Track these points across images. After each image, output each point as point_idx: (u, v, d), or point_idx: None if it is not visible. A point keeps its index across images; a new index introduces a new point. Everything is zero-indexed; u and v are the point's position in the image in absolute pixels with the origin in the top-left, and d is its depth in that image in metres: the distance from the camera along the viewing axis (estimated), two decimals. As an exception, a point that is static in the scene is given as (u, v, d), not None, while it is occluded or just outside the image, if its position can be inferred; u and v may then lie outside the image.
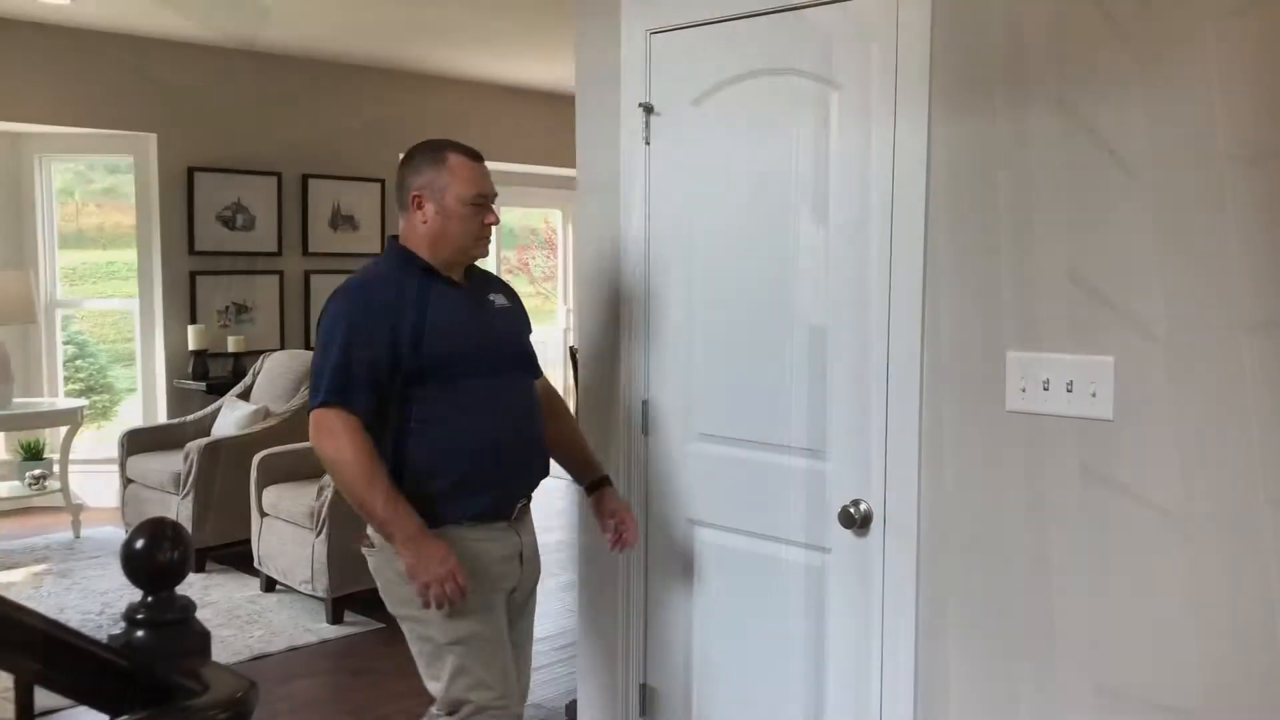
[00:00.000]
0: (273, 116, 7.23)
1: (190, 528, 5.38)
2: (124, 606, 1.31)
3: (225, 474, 5.43)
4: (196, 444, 5.45)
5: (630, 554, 2.84)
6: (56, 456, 6.31)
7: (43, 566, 5.50)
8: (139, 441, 5.88)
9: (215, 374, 6.77)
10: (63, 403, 6.54)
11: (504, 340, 2.52)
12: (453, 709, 2.40)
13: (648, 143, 2.79)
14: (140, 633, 1.25)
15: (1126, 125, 2.04)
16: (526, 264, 10.57)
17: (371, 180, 7.72)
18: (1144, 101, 2.02)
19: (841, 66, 2.43)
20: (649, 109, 2.78)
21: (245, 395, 6.13)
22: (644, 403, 2.85)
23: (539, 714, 3.77)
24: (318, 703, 3.89)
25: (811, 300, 2.52)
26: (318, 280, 7.47)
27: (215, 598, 5.01)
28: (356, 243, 7.67)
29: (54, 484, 6.21)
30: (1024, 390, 2.19)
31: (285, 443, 5.42)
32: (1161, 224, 2.01)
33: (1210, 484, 1.98)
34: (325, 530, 4.60)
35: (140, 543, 1.26)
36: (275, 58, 7.20)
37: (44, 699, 1.31)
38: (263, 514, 5.03)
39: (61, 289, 7.00)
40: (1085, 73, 2.08)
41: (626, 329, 2.87)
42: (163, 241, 6.80)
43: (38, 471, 6.28)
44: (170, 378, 6.84)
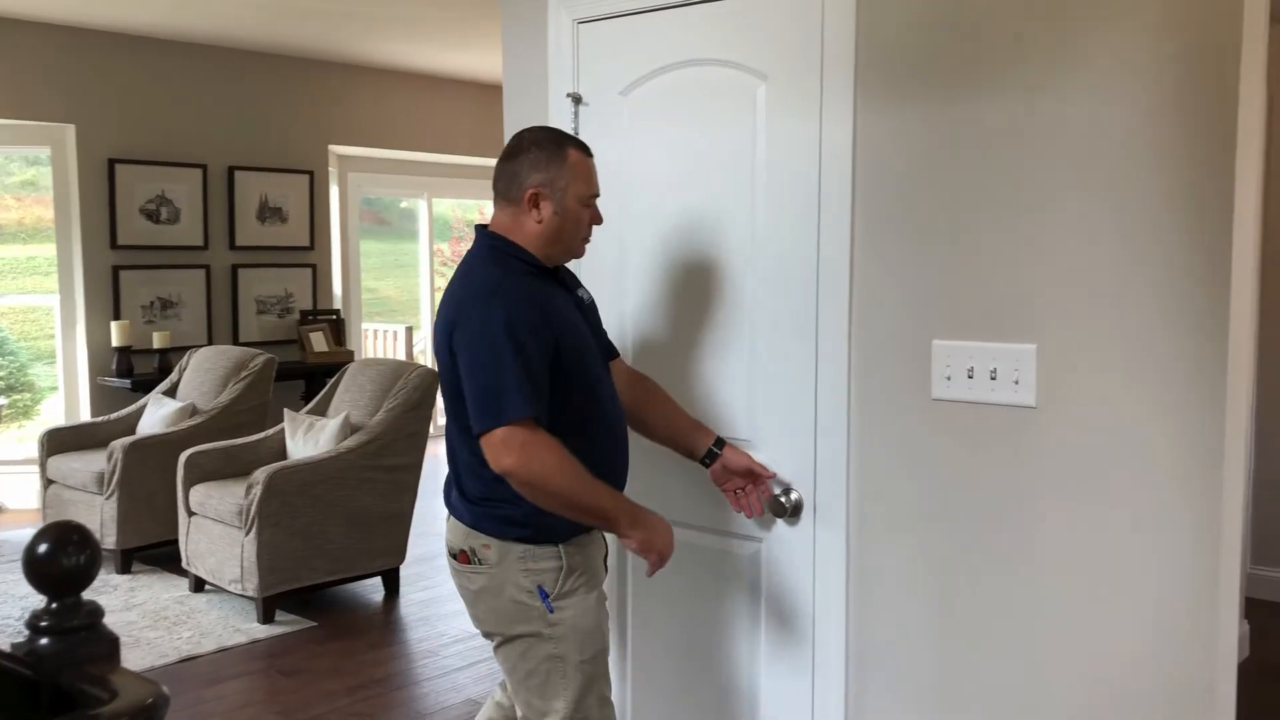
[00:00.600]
0: (197, 107, 7.08)
1: (115, 528, 5.26)
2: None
3: (150, 473, 5.31)
4: (120, 442, 5.32)
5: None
6: (-26, 457, 6.14)
7: (-40, 571, 5.34)
8: (60, 441, 5.73)
9: (140, 371, 6.63)
10: (-20, 402, 6.36)
11: (600, 337, 2.43)
12: None
13: (576, 133, 2.77)
14: (45, 640, 1.20)
15: (1046, 115, 2.07)
16: (460, 256, 10.52)
17: (300, 172, 7.60)
18: (1064, 91, 2.05)
19: (768, 57, 2.43)
20: (577, 99, 2.76)
21: (171, 392, 6.00)
22: (575, 395, 2.83)
23: (473, 709, 3.75)
24: (249, 704, 3.83)
25: (741, 292, 2.52)
26: (245, 274, 7.34)
27: (142, 599, 4.91)
28: (285, 236, 7.55)
29: (-28, 486, 6.04)
30: (949, 378, 2.21)
31: (213, 440, 5.33)
32: (1081, 213, 2.04)
33: (1127, 472, 2.02)
34: (255, 528, 4.53)
35: (43, 547, 1.21)
36: (200, 47, 7.05)
37: (-55, 711, 1.26)
38: (190, 513, 4.93)
39: (-22, 285, 6.81)
40: (1007, 63, 2.11)
41: (557, 321, 2.85)
42: (83, 235, 6.63)
43: (-46, 473, 6.11)
44: (93, 375, 6.68)
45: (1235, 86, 1.89)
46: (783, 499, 2.44)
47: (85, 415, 6.61)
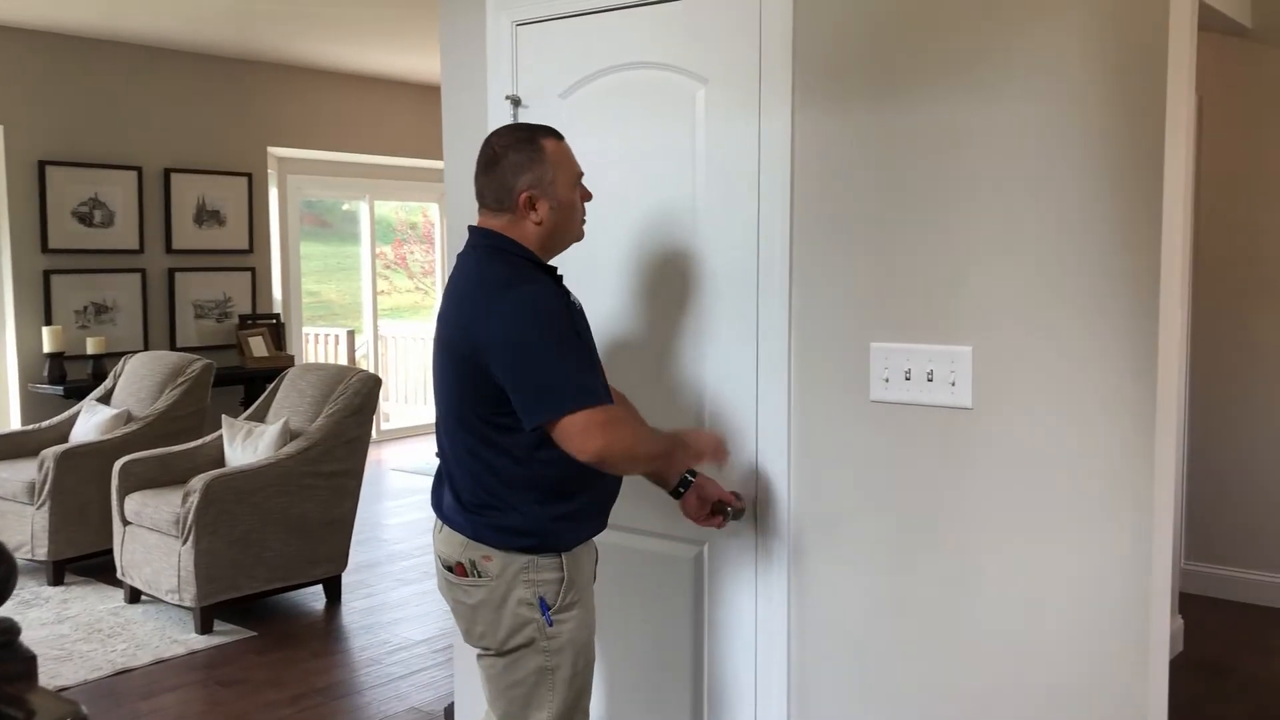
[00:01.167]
0: (132, 108, 6.95)
1: (46, 539, 5.13)
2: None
3: (84, 482, 5.19)
4: (52, 451, 5.19)
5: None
6: (-101, 468, 5.95)
7: (-116, 585, 5.18)
8: (-11, 450, 5.58)
9: (74, 377, 6.48)
10: (-95, 411, 6.18)
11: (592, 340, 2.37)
12: None
13: (515, 135, 2.74)
14: (-41, 659, 1.17)
15: (977, 116, 2.09)
16: (404, 259, 10.39)
17: (238, 174, 7.49)
18: (993, 93, 2.07)
19: (707, 61, 2.43)
20: (516, 101, 2.74)
21: (106, 399, 5.87)
22: (516, 399, 2.81)
23: (417, 717, 3.71)
24: (186, 716, 3.75)
25: (682, 296, 2.52)
26: (182, 278, 7.21)
27: (75, 611, 4.79)
28: (224, 239, 7.43)
29: (-104, 497, 5.85)
30: (887, 380, 2.23)
31: (149, 447, 5.22)
32: (1012, 214, 2.07)
33: (1062, 471, 2.05)
34: (192, 537, 4.44)
35: (-43, 563, 1.17)
36: (135, 47, 6.92)
37: None
38: (125, 522, 4.82)
39: (-98, 290, 6.61)
40: (939, 65, 2.12)
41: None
42: (12, 239, 6.48)
43: (-122, 484, 5.91)
44: (24, 382, 6.53)
45: (1163, 87, 1.92)
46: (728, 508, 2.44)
47: (15, 424, 6.45)
